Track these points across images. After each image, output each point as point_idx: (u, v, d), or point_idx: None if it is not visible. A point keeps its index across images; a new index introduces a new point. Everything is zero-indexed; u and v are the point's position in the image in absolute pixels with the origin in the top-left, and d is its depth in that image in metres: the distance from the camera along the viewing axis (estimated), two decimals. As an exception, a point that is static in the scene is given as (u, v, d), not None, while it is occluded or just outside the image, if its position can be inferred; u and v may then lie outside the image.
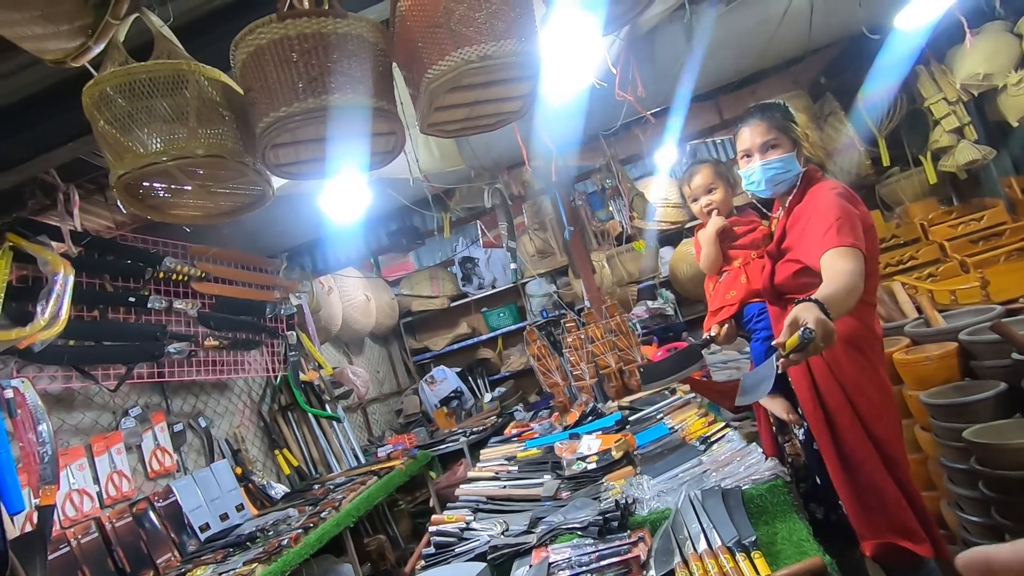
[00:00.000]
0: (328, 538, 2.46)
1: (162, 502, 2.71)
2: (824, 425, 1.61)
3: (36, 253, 2.06)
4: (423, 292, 6.11)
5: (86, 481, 2.45)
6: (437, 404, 5.45)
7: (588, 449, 2.36)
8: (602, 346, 3.26)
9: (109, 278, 2.48)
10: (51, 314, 2.01)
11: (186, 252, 2.86)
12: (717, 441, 1.91)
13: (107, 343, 2.38)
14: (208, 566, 2.27)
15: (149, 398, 2.95)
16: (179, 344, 2.62)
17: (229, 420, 3.43)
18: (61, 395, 2.51)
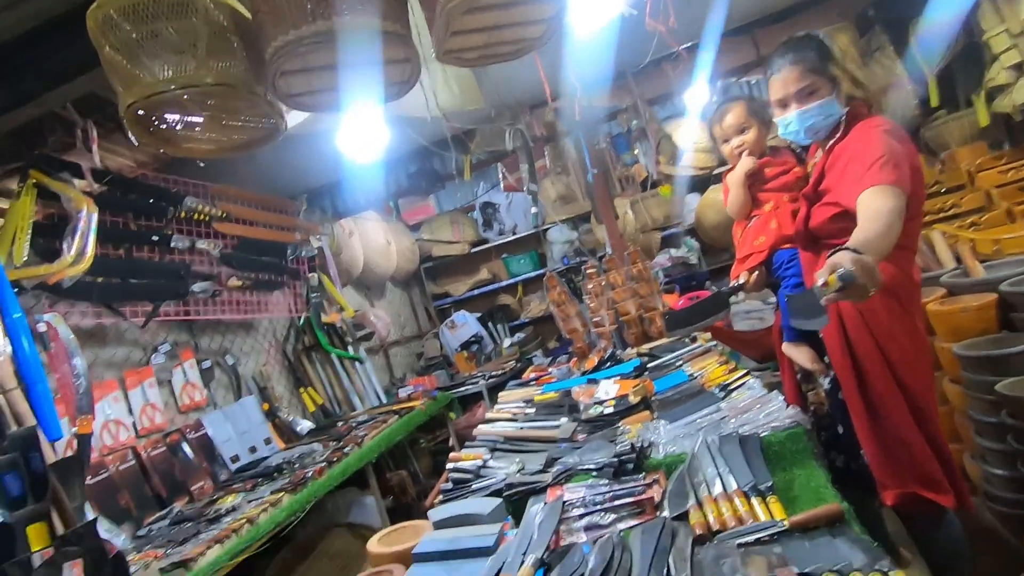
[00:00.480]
0: (351, 472, 2.56)
1: (194, 434, 2.83)
2: (852, 373, 1.57)
3: (59, 190, 2.07)
4: (444, 237, 6.09)
5: (121, 413, 2.55)
6: (457, 348, 5.53)
7: (606, 394, 2.37)
8: (623, 293, 3.22)
9: (132, 217, 2.50)
10: (77, 251, 2.04)
11: (207, 192, 2.86)
12: (737, 389, 1.89)
13: (133, 281, 2.42)
14: (238, 494, 2.38)
15: (178, 336, 3.03)
16: (203, 283, 2.66)
17: (255, 359, 3.53)
18: (94, 330, 2.58)
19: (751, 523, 1.21)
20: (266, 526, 1.98)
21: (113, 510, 2.30)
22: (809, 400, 1.89)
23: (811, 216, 1.63)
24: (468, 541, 1.43)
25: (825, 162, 1.57)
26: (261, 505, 2.08)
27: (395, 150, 3.35)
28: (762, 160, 1.96)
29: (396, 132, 2.96)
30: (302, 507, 2.16)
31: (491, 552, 1.38)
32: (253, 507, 2.11)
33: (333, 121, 2.63)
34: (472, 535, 1.46)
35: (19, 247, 1.98)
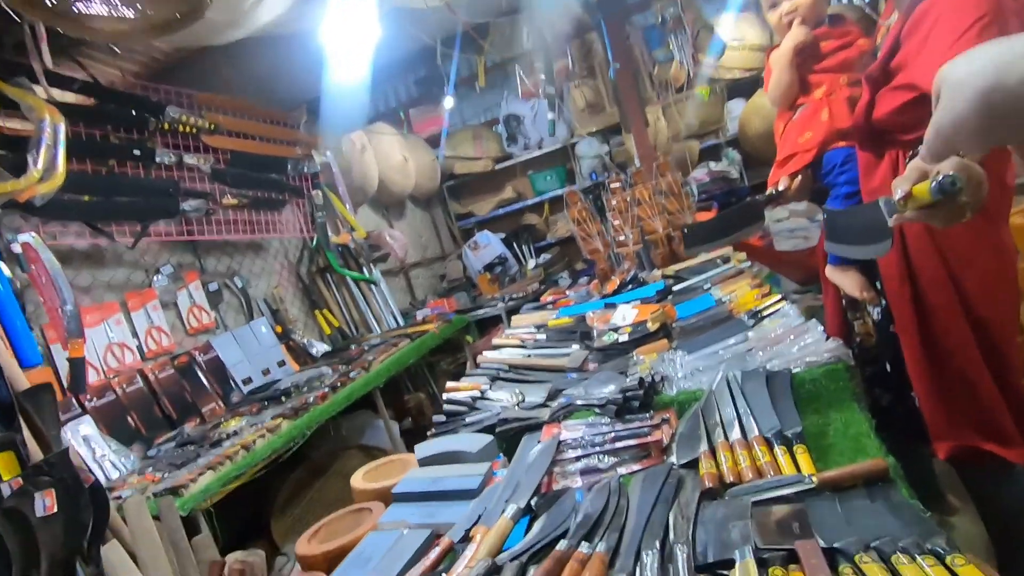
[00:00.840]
0: (357, 396, 2.48)
1: (204, 356, 2.80)
2: (910, 304, 1.30)
3: (17, 97, 1.89)
4: (466, 153, 5.76)
5: (125, 335, 2.51)
6: (480, 270, 5.37)
7: (622, 319, 2.16)
8: (649, 209, 2.92)
9: (111, 129, 2.32)
10: (45, 165, 1.89)
11: (192, 102, 2.64)
12: (769, 316, 1.64)
13: (118, 199, 2.28)
14: (243, 417, 2.35)
15: (181, 257, 2.94)
16: (195, 201, 2.51)
17: (266, 280, 3.44)
18: (90, 251, 2.50)
19: (772, 477, 1.02)
20: (262, 452, 1.92)
21: (122, 431, 2.31)
22: (855, 330, 1.63)
23: (876, 104, 1.29)
24: (451, 482, 1.30)
25: (901, 27, 1.19)
26: (259, 431, 2.02)
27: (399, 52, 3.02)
28: (818, 30, 1.56)
29: (393, 28, 2.63)
30: (301, 433, 2.10)
31: (475, 495, 1.24)
32: (252, 432, 2.05)
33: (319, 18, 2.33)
34: (457, 475, 1.32)
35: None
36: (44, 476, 1.37)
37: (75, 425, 2.17)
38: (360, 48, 2.41)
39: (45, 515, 1.35)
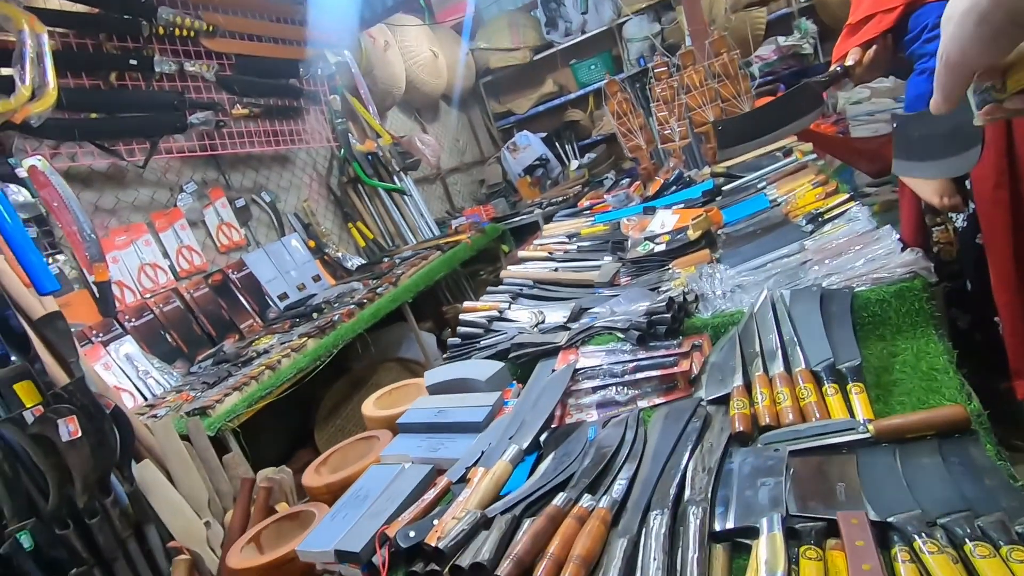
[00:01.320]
0: (383, 313, 2.43)
1: (237, 273, 2.80)
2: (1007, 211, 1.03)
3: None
4: (502, 44, 5.28)
5: (156, 256, 2.52)
6: (520, 173, 5.09)
7: (661, 226, 1.94)
8: (700, 96, 2.55)
9: (104, 38, 2.16)
10: (34, 82, 1.77)
11: (186, 1, 2.42)
12: (833, 220, 1.38)
13: (123, 115, 2.17)
14: (275, 335, 2.35)
15: (204, 173, 2.87)
16: (202, 113, 2.37)
17: (296, 194, 3.36)
18: (111, 172, 2.45)
19: (817, 421, 0.85)
20: (287, 372, 1.91)
21: (163, 349, 2.37)
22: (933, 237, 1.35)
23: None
24: (457, 413, 1.20)
25: None
26: (284, 351, 2.01)
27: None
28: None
29: None
30: (328, 351, 2.07)
31: (480, 429, 1.15)
32: (278, 351, 2.04)
33: None
34: (464, 405, 1.23)
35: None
36: (64, 404, 1.39)
37: (117, 345, 2.24)
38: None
39: (71, 439, 1.38)
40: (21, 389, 1.37)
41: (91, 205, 2.36)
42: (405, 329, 3.11)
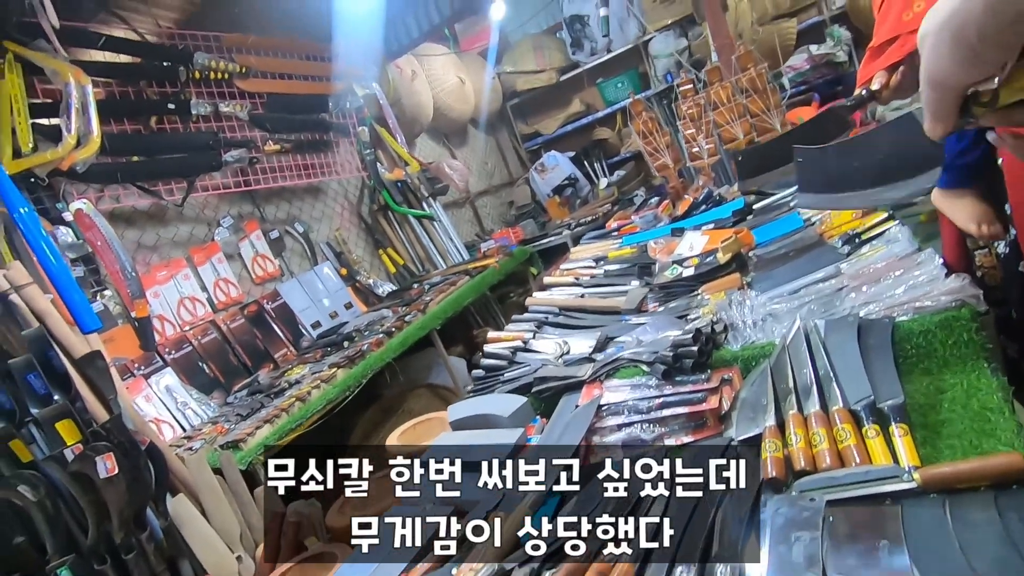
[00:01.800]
0: (412, 341, 2.44)
1: (272, 304, 2.87)
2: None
3: (40, 62, 1.86)
4: (527, 67, 5.33)
5: (194, 289, 2.60)
6: (549, 193, 5.09)
7: (689, 249, 1.89)
8: (728, 113, 2.50)
9: (144, 85, 2.28)
10: (79, 130, 1.87)
11: (220, 45, 2.53)
12: (871, 241, 1.32)
13: (160, 157, 2.27)
14: (306, 365, 2.39)
15: (240, 207, 2.96)
16: (236, 151, 2.46)
17: (328, 223, 3.44)
18: (152, 211, 2.56)
19: (858, 466, 0.79)
20: (317, 404, 1.93)
21: (201, 380, 2.44)
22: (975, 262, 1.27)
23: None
24: (479, 452, 1.18)
25: None
26: (314, 382, 2.03)
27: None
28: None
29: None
30: (357, 382, 2.09)
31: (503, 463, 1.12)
32: (309, 382, 2.07)
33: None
34: (487, 442, 1.20)
35: (22, 132, 1.85)
36: (102, 441, 1.43)
37: (158, 377, 2.31)
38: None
39: (108, 476, 1.42)
40: (63, 427, 1.42)
41: (134, 243, 2.47)
42: (434, 355, 3.11)
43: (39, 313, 1.56)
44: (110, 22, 2.42)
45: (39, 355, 1.45)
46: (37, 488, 1.38)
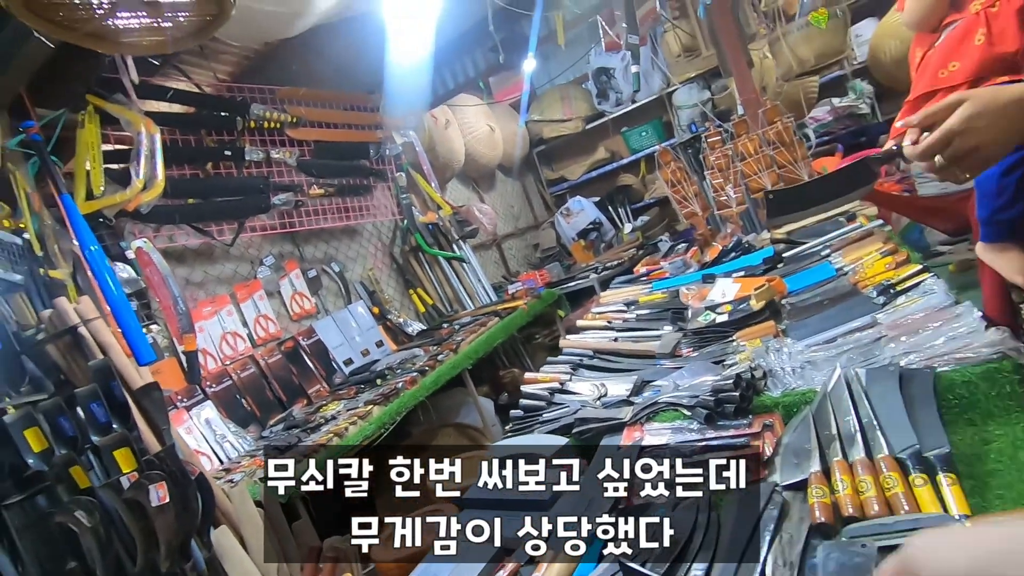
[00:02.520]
0: (445, 380, 2.49)
1: (307, 340, 2.95)
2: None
3: (117, 113, 2.03)
4: (554, 116, 5.53)
5: (236, 325, 2.70)
6: (574, 237, 5.19)
7: (721, 295, 1.93)
8: (755, 164, 2.57)
9: (204, 133, 2.44)
10: (146, 175, 2.01)
11: (274, 97, 2.72)
12: (906, 292, 1.35)
13: (214, 200, 2.42)
14: (341, 401, 2.44)
15: (281, 247, 3.09)
16: (284, 195, 2.60)
17: (362, 264, 3.55)
18: (201, 250, 2.69)
19: (906, 514, 0.81)
20: (354, 439, 1.97)
21: (238, 414, 2.50)
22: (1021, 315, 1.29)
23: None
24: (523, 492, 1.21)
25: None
26: (351, 418, 2.08)
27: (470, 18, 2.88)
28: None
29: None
30: (392, 419, 2.13)
31: (546, 507, 1.15)
32: (345, 419, 2.12)
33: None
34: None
35: (96, 175, 2.00)
36: (156, 470, 1.49)
37: (199, 410, 2.38)
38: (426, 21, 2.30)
39: (159, 504, 1.47)
40: (120, 456, 1.49)
41: (184, 280, 2.59)
42: (463, 394, 3.14)
43: (103, 345, 1.65)
44: (173, 75, 2.62)
45: (102, 385, 1.53)
46: (92, 514, 1.44)
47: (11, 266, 1.78)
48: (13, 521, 1.45)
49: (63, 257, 1.88)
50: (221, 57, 2.79)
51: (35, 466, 1.47)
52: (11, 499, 1.44)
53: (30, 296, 1.86)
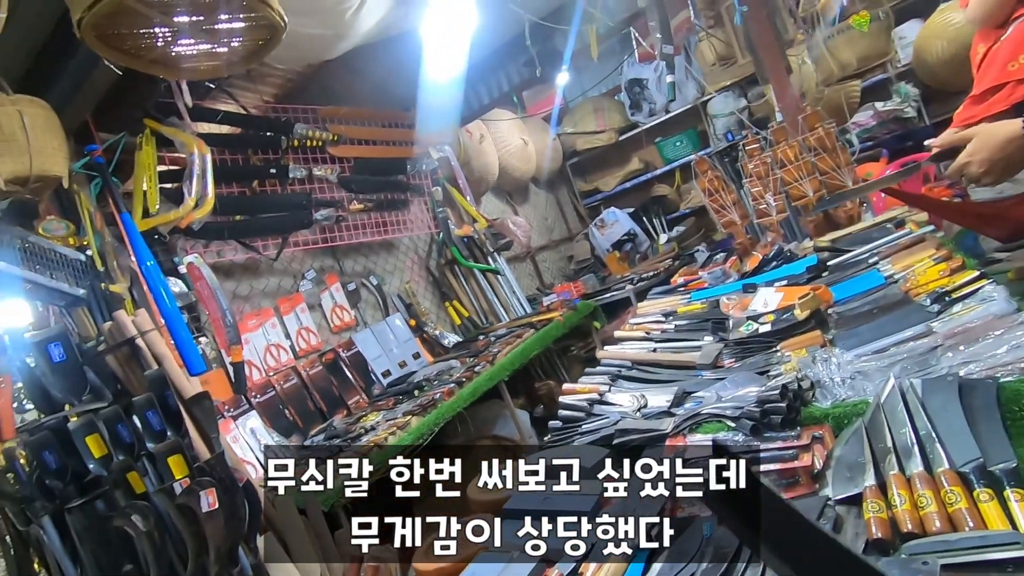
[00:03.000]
0: (482, 391, 2.50)
1: (347, 352, 3.02)
2: None
3: (172, 135, 2.14)
4: (587, 128, 5.54)
5: (279, 337, 2.78)
6: (609, 248, 5.16)
7: (764, 305, 1.89)
8: (796, 171, 2.52)
9: (251, 152, 2.55)
10: (197, 194, 2.11)
11: (316, 116, 2.81)
12: (963, 300, 1.29)
13: (260, 216, 2.51)
14: (380, 412, 2.48)
15: (322, 262, 3.18)
16: (325, 211, 2.69)
17: (399, 277, 3.61)
18: (248, 264, 2.79)
19: (971, 531, 0.77)
20: (393, 449, 1.99)
21: (281, 424, 2.56)
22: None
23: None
24: (564, 500, 1.20)
25: None
26: (390, 428, 2.11)
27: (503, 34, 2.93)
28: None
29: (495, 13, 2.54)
30: (429, 430, 2.15)
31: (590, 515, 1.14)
32: (384, 428, 2.15)
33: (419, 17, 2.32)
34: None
35: (152, 195, 2.11)
36: (206, 477, 1.54)
37: (244, 419, 2.45)
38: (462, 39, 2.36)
39: (210, 510, 1.52)
40: (173, 462, 1.54)
41: (230, 293, 2.69)
42: (500, 406, 3.15)
43: (158, 356, 1.73)
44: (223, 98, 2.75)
45: (157, 394, 1.60)
46: (148, 518, 1.49)
47: (75, 281, 1.88)
48: (75, 524, 1.52)
49: (121, 272, 1.98)
50: (267, 79, 2.91)
51: (95, 471, 1.55)
52: (73, 503, 1.52)
53: (91, 309, 1.96)
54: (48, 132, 1.52)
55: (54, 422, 1.58)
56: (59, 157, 1.57)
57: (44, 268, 1.86)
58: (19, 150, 1.40)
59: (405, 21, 2.36)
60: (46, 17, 1.57)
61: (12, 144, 1.40)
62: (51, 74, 1.71)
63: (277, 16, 1.08)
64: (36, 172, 1.47)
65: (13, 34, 1.45)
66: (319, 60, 2.46)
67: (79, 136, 2.02)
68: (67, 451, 1.55)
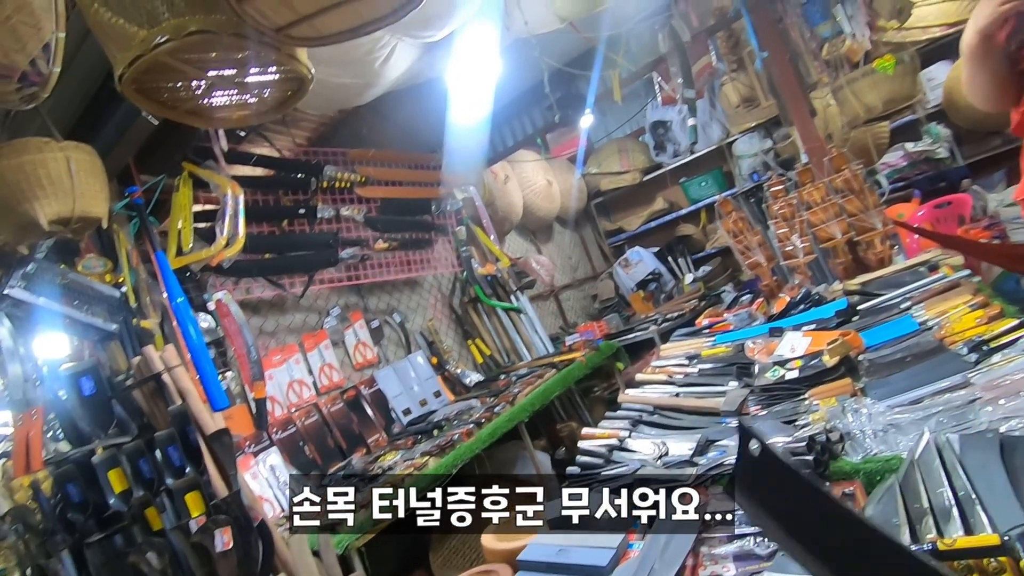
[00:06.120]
0: (501, 432, 2.46)
1: (368, 390, 3.02)
2: None
3: (207, 178, 2.24)
4: (611, 168, 5.59)
5: (303, 373, 2.81)
6: (633, 288, 5.12)
7: (791, 350, 1.83)
8: (823, 212, 2.48)
9: (282, 194, 2.64)
10: (229, 233, 2.18)
11: (345, 158, 2.91)
12: (1003, 349, 1.23)
13: (289, 254, 2.58)
14: (399, 451, 2.45)
15: (347, 299, 3.23)
16: (351, 249, 2.74)
17: (422, 315, 3.64)
18: (274, 301, 2.85)
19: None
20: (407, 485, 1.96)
21: (301, 461, 2.56)
22: None
23: None
24: (580, 554, 1.16)
25: None
26: (407, 469, 2.08)
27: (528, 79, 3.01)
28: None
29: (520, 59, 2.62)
30: (447, 471, 2.11)
31: (604, 573, 1.09)
32: (402, 468, 2.12)
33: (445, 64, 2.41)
34: (586, 546, 1.18)
35: (186, 234, 2.19)
36: (222, 515, 1.54)
37: (265, 455, 2.46)
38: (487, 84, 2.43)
39: (224, 550, 1.51)
40: (190, 499, 1.55)
41: (257, 329, 2.74)
42: (519, 448, 3.09)
43: (183, 391, 1.76)
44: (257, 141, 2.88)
45: (179, 429, 1.62)
46: (162, 556, 1.49)
47: (109, 316, 1.95)
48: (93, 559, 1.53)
49: (153, 308, 2.04)
50: (300, 124, 3.04)
51: (115, 506, 1.56)
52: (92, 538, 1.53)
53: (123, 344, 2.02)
54: (92, 176, 1.61)
55: (79, 455, 1.61)
56: (100, 199, 1.66)
57: (81, 304, 1.93)
58: (64, 193, 1.48)
59: (431, 69, 2.45)
60: (97, 70, 1.69)
61: (58, 187, 1.48)
62: (98, 122, 1.82)
63: (305, 69, 1.14)
64: (78, 213, 1.54)
65: (67, 87, 1.55)
66: (350, 106, 2.57)
67: (121, 178, 2.13)
68: (89, 484, 1.57)
